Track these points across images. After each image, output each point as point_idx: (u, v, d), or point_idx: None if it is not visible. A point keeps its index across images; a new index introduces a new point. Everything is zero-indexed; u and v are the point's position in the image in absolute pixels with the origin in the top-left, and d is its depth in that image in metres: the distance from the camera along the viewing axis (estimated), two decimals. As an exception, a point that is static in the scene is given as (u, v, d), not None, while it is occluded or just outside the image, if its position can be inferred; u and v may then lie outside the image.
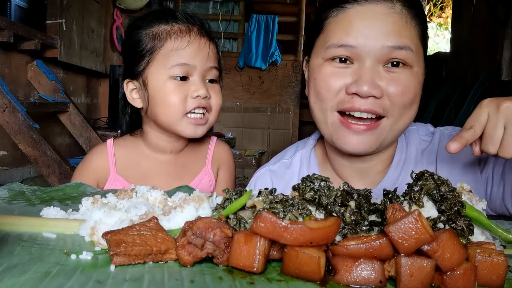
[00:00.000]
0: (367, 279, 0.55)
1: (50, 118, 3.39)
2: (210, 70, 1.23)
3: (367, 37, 0.90)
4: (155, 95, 1.20)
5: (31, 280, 0.52)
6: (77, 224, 0.71)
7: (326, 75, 0.95)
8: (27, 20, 4.21)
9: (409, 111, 0.95)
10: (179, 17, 1.22)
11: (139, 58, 1.21)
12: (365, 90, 0.89)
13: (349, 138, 0.94)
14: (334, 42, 0.93)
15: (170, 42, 1.19)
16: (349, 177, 1.07)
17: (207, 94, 1.21)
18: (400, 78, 0.92)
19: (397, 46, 0.90)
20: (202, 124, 1.23)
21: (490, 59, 4.00)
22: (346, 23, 0.93)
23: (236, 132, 5.56)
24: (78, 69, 3.87)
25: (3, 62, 2.95)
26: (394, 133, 0.97)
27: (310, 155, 1.17)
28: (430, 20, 9.42)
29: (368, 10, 0.92)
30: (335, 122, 0.96)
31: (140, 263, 0.58)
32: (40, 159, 2.73)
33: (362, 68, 0.91)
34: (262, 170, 1.22)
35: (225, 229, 0.59)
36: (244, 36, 5.55)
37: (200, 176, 1.34)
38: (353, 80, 0.92)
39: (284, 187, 1.12)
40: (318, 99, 0.97)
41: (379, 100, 0.91)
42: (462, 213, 0.65)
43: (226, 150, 1.43)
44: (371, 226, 0.66)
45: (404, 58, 0.91)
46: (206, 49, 1.22)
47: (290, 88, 5.50)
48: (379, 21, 0.91)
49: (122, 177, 1.28)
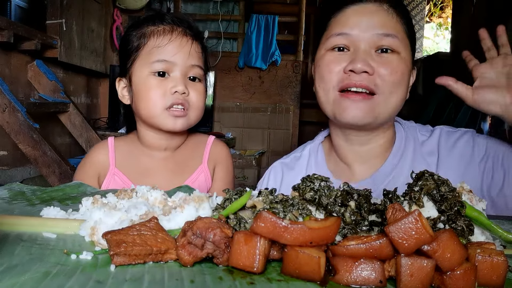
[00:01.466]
0: (367, 279, 0.55)
1: (50, 118, 3.39)
2: (192, 68, 1.27)
3: (360, 27, 1.10)
4: (137, 91, 1.26)
5: (31, 280, 0.52)
6: (77, 224, 0.71)
7: (328, 61, 1.13)
8: (27, 20, 4.21)
9: (397, 89, 1.10)
10: (166, 18, 1.28)
11: (128, 56, 1.28)
12: (359, 67, 1.06)
13: (348, 107, 1.09)
14: (333, 32, 1.13)
15: (153, 40, 1.25)
16: (352, 161, 1.22)
17: (185, 90, 1.24)
18: (389, 60, 1.09)
19: (385, 33, 1.09)
20: (181, 116, 1.25)
21: (490, 59, 3.99)
22: (344, 18, 1.13)
23: (236, 132, 5.56)
24: (78, 69, 3.87)
25: (3, 62, 2.95)
26: (387, 109, 1.10)
27: (318, 148, 1.33)
28: (430, 20, 9.42)
29: (361, 8, 1.13)
30: (336, 97, 1.11)
31: (140, 263, 0.58)
32: (40, 159, 2.73)
33: (357, 51, 1.09)
34: (276, 163, 1.38)
35: (225, 229, 0.59)
36: (244, 36, 5.55)
37: (197, 173, 1.36)
38: (350, 61, 1.09)
39: (294, 176, 1.29)
40: (322, 82, 1.14)
41: (371, 77, 1.07)
42: (462, 213, 0.65)
43: (223, 148, 1.45)
44: (371, 226, 0.66)
45: (391, 44, 1.09)
46: (187, 47, 1.26)
47: (290, 88, 5.50)
48: (370, 16, 1.11)
49: (121, 172, 1.32)
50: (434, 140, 1.20)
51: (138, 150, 1.36)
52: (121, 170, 1.32)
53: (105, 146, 1.36)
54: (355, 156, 1.21)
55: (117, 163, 1.33)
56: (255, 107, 5.57)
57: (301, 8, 5.46)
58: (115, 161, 1.33)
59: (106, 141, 1.37)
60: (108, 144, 1.36)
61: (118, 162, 1.33)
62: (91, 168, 1.33)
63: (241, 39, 5.64)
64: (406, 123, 1.26)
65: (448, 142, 1.18)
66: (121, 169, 1.32)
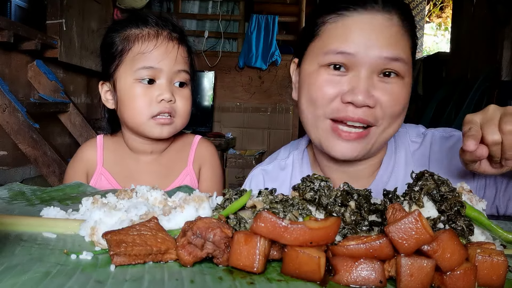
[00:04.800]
0: (367, 279, 0.55)
1: (50, 118, 3.39)
2: (178, 74, 1.24)
3: (365, 46, 0.92)
4: (122, 98, 1.23)
5: (31, 280, 0.52)
6: (77, 224, 0.71)
7: (323, 81, 0.96)
8: (27, 20, 4.21)
9: (397, 119, 0.99)
10: (149, 21, 1.24)
11: (111, 60, 1.24)
12: (360, 100, 0.91)
13: (338, 145, 0.97)
14: (333, 48, 0.95)
15: (137, 45, 1.21)
16: (338, 181, 1.06)
17: (172, 98, 1.21)
18: (393, 88, 0.94)
19: (393, 57, 0.93)
20: (167, 123, 1.23)
21: (490, 59, 4.00)
22: (345, 31, 0.94)
23: (236, 132, 5.56)
24: (78, 69, 3.87)
25: (3, 62, 2.95)
26: (382, 140, 1.00)
27: (303, 157, 1.19)
28: (430, 20, 9.42)
29: (367, 20, 0.94)
30: (327, 128, 0.98)
31: (140, 263, 0.58)
32: (40, 159, 2.73)
33: (358, 77, 0.93)
34: (256, 171, 1.24)
35: (225, 229, 0.59)
36: (244, 36, 5.55)
37: (182, 176, 1.35)
38: (349, 88, 0.93)
39: (277, 187, 1.12)
40: (312, 105, 0.99)
41: (371, 110, 0.93)
42: (462, 213, 0.65)
43: (208, 148, 1.42)
44: (371, 226, 0.66)
45: (398, 69, 0.94)
46: (174, 53, 1.22)
47: (290, 88, 5.45)
48: (378, 32, 0.93)
49: (108, 172, 1.31)
50: (425, 149, 1.08)
51: (124, 152, 1.35)
52: (108, 170, 1.32)
53: (93, 144, 1.35)
54: (342, 176, 1.07)
55: (105, 162, 1.33)
56: (255, 107, 5.57)
57: (301, 8, 5.46)
58: (103, 160, 1.33)
59: (95, 139, 1.37)
60: (97, 143, 1.35)
61: (106, 161, 1.33)
62: (79, 165, 1.33)
63: (241, 39, 5.64)
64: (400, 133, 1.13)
65: (441, 151, 1.06)
66: (108, 169, 1.32)
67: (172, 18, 1.30)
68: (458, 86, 4.34)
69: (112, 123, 1.37)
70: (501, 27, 3.82)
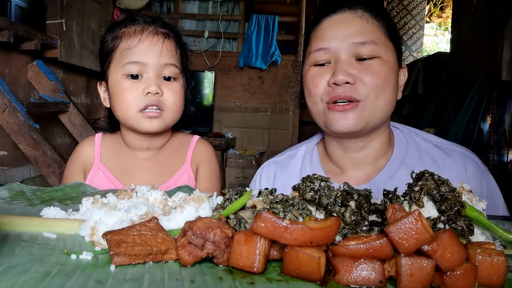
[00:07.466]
0: (367, 279, 0.55)
1: (50, 118, 3.39)
2: (165, 67, 1.25)
3: (337, 39, 1.12)
4: (113, 94, 1.27)
5: (31, 280, 0.52)
6: (77, 224, 0.71)
7: (312, 76, 1.16)
8: (27, 20, 4.21)
9: (383, 92, 1.10)
10: (137, 19, 1.28)
11: (104, 59, 1.29)
12: (340, 79, 1.08)
13: (336, 119, 1.11)
14: (314, 48, 1.15)
15: (124, 41, 1.25)
16: (347, 167, 1.23)
17: (159, 90, 1.22)
18: (370, 66, 1.09)
19: (361, 42, 1.10)
20: (156, 117, 1.24)
21: (490, 59, 4.00)
22: (321, 33, 1.16)
23: (236, 132, 5.56)
24: (78, 69, 3.87)
25: (3, 62, 2.95)
26: (376, 113, 1.11)
27: (313, 149, 1.34)
28: (430, 20, 9.42)
29: (336, 19, 1.15)
30: (325, 110, 1.14)
31: (140, 263, 0.58)
32: (40, 159, 2.73)
33: (337, 63, 1.11)
34: (268, 162, 1.38)
35: (225, 229, 0.59)
36: (244, 36, 5.55)
37: (179, 174, 1.35)
38: (331, 74, 1.11)
39: (288, 175, 1.30)
40: (310, 96, 1.18)
41: (354, 86, 1.08)
42: (462, 213, 0.65)
43: (206, 148, 1.43)
44: (371, 226, 0.66)
45: (370, 52, 1.10)
46: (158, 46, 1.24)
47: (290, 88, 5.50)
48: (345, 25, 1.13)
49: (106, 167, 1.33)
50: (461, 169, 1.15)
51: (122, 149, 1.36)
52: (105, 165, 1.33)
53: (91, 142, 1.37)
54: (350, 162, 1.22)
55: (102, 158, 1.35)
56: (255, 107, 5.57)
57: (301, 8, 5.46)
58: (100, 157, 1.35)
59: (93, 137, 1.39)
60: (95, 140, 1.37)
61: (103, 157, 1.35)
62: (77, 162, 1.35)
63: (241, 39, 5.64)
64: (409, 132, 1.25)
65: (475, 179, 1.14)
66: (105, 164, 1.34)
67: (165, 18, 1.33)
68: (458, 86, 4.33)
69: (113, 122, 1.39)
70: (501, 27, 3.82)
